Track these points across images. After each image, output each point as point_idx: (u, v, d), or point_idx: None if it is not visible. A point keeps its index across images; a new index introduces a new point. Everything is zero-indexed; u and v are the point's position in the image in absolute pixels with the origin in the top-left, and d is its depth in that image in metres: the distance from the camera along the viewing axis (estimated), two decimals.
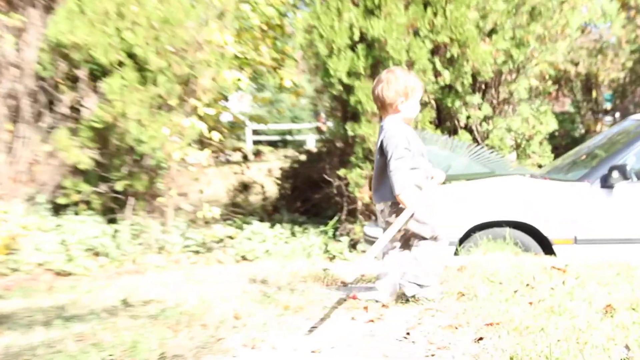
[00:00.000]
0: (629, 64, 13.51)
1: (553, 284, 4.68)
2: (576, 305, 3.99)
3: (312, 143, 16.83)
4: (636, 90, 13.46)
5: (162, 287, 5.01)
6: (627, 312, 3.74)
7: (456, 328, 3.48)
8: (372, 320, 3.74)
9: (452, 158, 8.25)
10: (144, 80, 8.97)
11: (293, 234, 10.00)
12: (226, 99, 11.69)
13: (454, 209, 7.00)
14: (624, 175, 6.75)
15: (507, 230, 6.77)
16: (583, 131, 15.67)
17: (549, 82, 11.46)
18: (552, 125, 10.37)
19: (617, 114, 15.00)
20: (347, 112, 9.67)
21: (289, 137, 16.04)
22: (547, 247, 6.82)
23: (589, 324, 3.48)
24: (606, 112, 16.33)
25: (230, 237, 9.70)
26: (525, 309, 3.83)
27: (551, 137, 12.94)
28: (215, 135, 10.01)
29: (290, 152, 13.83)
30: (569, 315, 3.72)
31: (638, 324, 3.45)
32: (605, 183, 6.81)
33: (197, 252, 9.20)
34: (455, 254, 6.83)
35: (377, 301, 4.10)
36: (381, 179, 4.13)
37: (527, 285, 4.64)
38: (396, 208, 4.10)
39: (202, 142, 9.93)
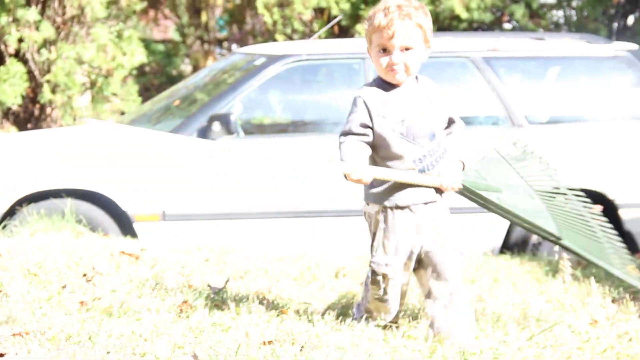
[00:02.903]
0: None
1: (121, 276, 4.86)
2: (145, 303, 4.19)
3: None
4: (256, 15, 14.14)
5: None
6: (206, 310, 4.01)
7: None
8: None
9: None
10: None
11: None
12: None
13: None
14: (228, 129, 7.11)
15: (68, 203, 6.84)
16: (190, 67, 16.21)
17: None
18: (139, 57, 10.61)
19: (234, 45, 15.72)
20: None
21: None
22: (129, 224, 7.02)
23: (155, 327, 3.66)
24: (220, 43, 17.04)
25: None
26: (73, 312, 3.93)
27: (140, 73, 13.23)
28: None
29: None
30: (133, 317, 3.88)
31: (217, 326, 3.70)
32: (204, 138, 7.12)
33: None
34: None
35: None
36: None
37: (85, 277, 4.77)
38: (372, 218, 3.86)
39: None
